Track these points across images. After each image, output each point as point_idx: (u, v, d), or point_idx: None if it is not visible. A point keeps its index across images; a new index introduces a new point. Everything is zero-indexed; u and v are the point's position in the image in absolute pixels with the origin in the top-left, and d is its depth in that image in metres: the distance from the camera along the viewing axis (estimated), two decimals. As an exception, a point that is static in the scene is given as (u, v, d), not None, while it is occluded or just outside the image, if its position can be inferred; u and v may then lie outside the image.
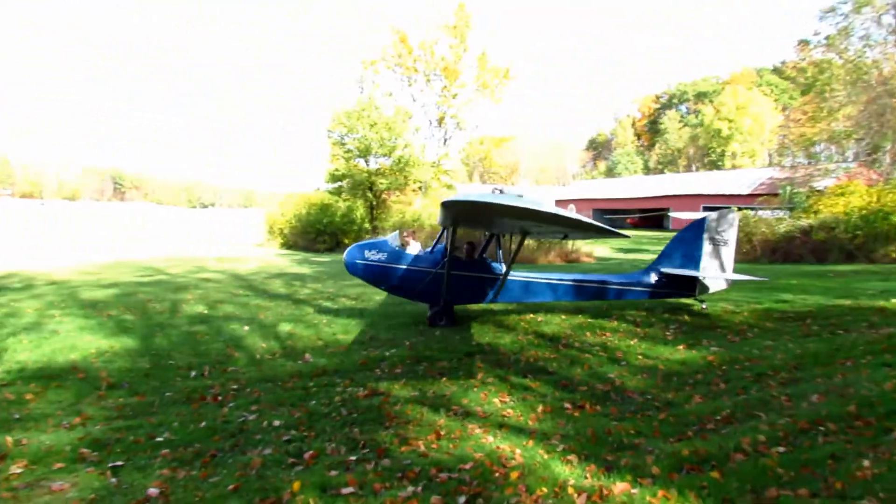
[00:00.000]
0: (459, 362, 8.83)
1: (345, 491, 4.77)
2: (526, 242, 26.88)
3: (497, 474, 5.02)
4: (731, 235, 11.70)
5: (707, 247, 11.65)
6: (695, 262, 11.67)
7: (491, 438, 5.88)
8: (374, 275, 12.01)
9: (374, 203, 39.09)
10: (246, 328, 11.28)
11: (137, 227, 67.85)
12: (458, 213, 8.96)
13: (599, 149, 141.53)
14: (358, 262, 11.99)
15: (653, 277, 11.90)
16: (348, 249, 12.12)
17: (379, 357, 9.18)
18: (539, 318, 11.56)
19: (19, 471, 5.42)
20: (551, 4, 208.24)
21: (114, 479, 5.18)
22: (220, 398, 7.39)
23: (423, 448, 5.66)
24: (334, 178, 40.77)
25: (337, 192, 41.31)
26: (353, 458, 5.46)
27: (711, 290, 11.97)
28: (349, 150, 39.13)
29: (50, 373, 8.53)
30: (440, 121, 50.19)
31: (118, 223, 73.70)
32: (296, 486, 4.82)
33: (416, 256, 11.80)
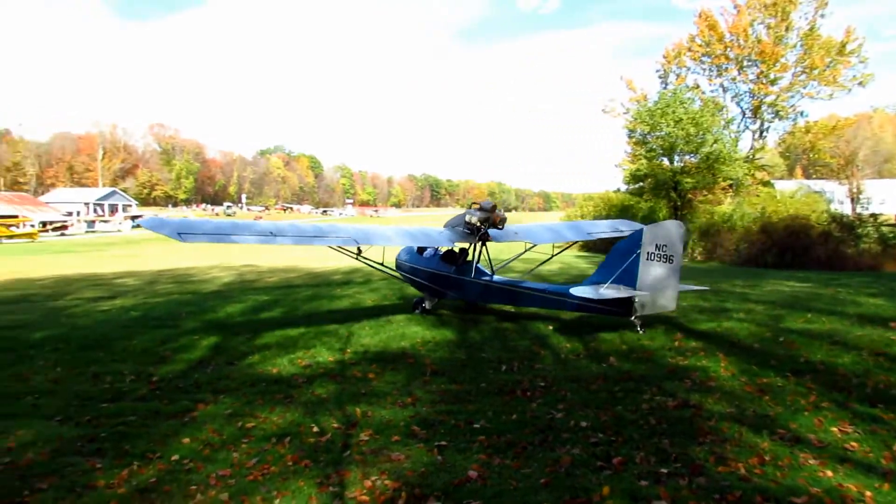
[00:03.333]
0: (785, 380, 7.84)
1: (656, 503, 4.59)
2: (867, 247, 23.64)
3: (839, 515, 4.34)
4: (675, 250, 10.35)
5: (645, 262, 10.24)
6: (631, 278, 10.30)
7: (830, 473, 5.08)
8: (403, 273, 14.14)
9: (679, 203, 36.88)
10: (550, 327, 11.60)
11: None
12: None
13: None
14: (398, 260, 14.26)
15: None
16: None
17: (689, 367, 8.63)
18: (891, 336, 9.68)
19: (366, 438, 6.36)
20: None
21: (440, 457, 5.75)
22: (528, 393, 7.71)
23: (743, 471, 5.15)
24: (635, 178, 39.52)
25: (638, 193, 40.18)
26: (665, 470, 5.20)
27: (651, 312, 10.63)
28: (652, 150, 37.48)
29: (386, 357, 9.85)
30: (755, 111, 45.19)
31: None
32: (605, 490, 4.79)
33: (421, 258, 13.71)
